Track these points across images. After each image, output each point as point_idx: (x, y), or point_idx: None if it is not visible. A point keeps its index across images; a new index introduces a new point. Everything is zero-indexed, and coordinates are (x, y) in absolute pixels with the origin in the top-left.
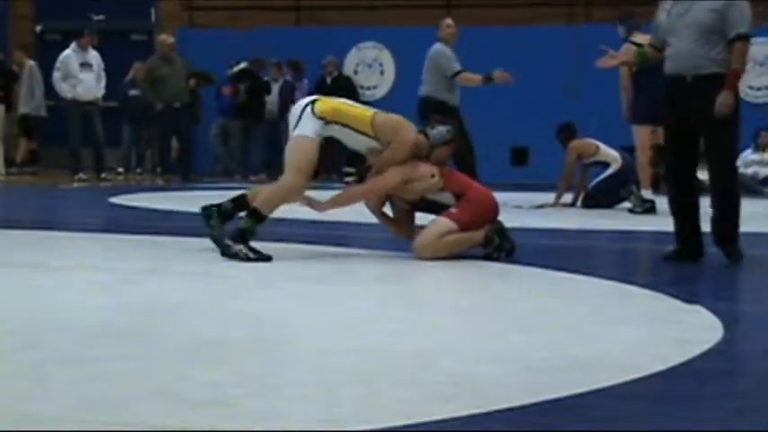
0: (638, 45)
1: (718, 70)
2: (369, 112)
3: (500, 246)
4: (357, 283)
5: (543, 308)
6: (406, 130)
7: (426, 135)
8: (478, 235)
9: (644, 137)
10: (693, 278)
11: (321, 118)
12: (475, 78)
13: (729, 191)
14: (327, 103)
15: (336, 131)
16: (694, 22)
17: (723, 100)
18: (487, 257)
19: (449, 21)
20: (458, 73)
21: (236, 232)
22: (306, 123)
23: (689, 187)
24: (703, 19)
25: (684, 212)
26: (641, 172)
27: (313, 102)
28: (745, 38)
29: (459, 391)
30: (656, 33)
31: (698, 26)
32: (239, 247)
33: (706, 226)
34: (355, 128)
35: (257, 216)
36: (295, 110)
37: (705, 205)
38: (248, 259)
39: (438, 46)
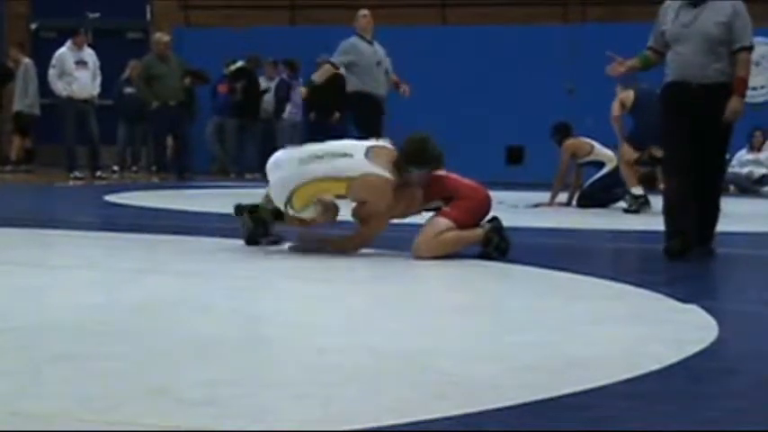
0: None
1: (722, 80)
2: (342, 181)
3: (498, 245)
4: (353, 281)
5: (538, 307)
6: (379, 198)
7: (405, 178)
8: (477, 234)
9: (631, 155)
10: (689, 277)
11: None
12: (322, 76)
13: (717, 195)
14: (301, 198)
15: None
16: (701, 33)
17: (734, 107)
18: (483, 256)
19: (364, 11)
20: (329, 62)
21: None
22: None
23: (688, 183)
24: (711, 30)
25: (683, 206)
26: (625, 175)
27: (290, 199)
28: (749, 49)
29: (454, 390)
30: (658, 38)
31: (705, 36)
32: (245, 218)
33: None
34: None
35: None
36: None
37: None
38: (244, 226)
39: (351, 38)
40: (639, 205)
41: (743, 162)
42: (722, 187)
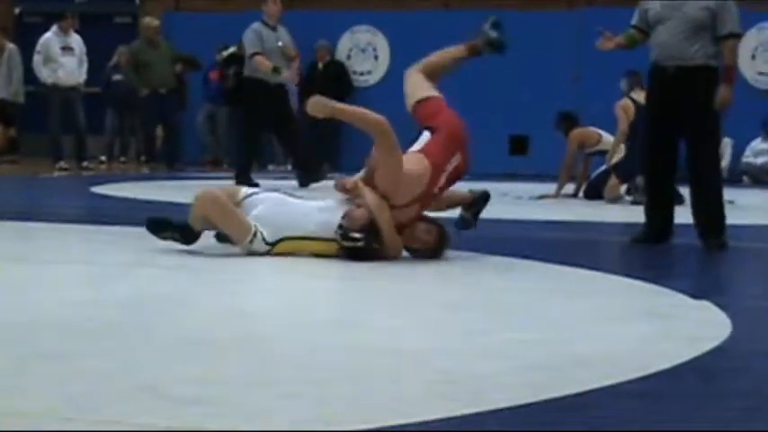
0: (636, 102)
1: (701, 62)
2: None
3: (477, 212)
4: (349, 277)
5: (543, 303)
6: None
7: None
8: (463, 195)
9: (616, 192)
10: (701, 272)
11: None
12: (266, 65)
13: (716, 183)
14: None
15: None
16: (686, 16)
17: (723, 95)
18: (462, 222)
19: None
20: (253, 54)
21: None
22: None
23: (666, 172)
24: (696, 15)
25: (659, 196)
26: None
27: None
28: (738, 36)
29: (455, 390)
30: (642, 16)
31: (689, 20)
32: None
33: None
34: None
35: None
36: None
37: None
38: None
39: (254, 24)
40: (639, 190)
41: (757, 152)
42: (721, 175)
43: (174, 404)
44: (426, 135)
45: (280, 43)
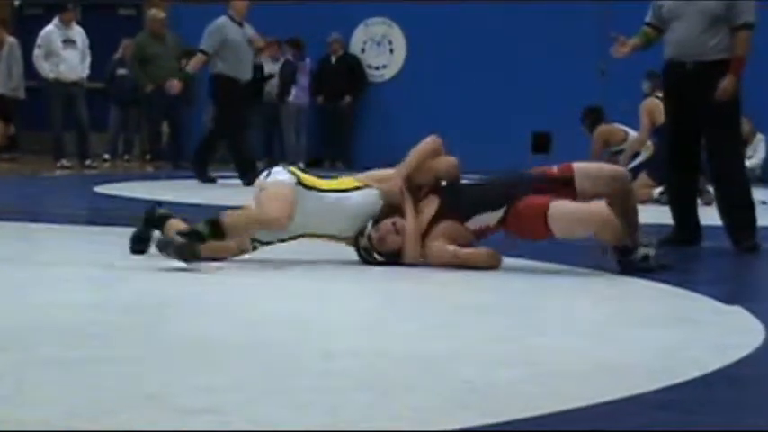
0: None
1: (719, 57)
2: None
3: None
4: (364, 280)
5: (568, 308)
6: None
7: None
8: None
9: (648, 193)
10: (732, 277)
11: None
12: (195, 66)
13: (742, 181)
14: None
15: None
16: (701, 9)
17: (726, 85)
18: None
19: None
20: (199, 51)
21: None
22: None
23: (688, 172)
24: (711, 7)
25: (683, 197)
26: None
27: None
28: (751, 27)
29: (475, 398)
30: (656, 13)
31: (705, 13)
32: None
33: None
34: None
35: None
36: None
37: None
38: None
39: (220, 18)
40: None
41: None
42: (746, 173)
43: (182, 414)
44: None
45: (247, 39)
